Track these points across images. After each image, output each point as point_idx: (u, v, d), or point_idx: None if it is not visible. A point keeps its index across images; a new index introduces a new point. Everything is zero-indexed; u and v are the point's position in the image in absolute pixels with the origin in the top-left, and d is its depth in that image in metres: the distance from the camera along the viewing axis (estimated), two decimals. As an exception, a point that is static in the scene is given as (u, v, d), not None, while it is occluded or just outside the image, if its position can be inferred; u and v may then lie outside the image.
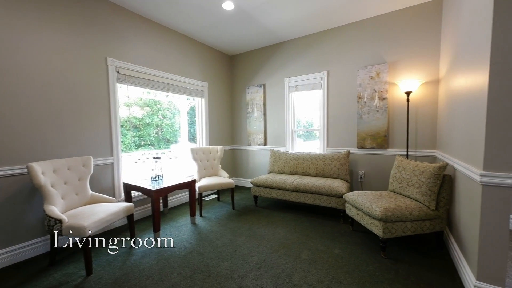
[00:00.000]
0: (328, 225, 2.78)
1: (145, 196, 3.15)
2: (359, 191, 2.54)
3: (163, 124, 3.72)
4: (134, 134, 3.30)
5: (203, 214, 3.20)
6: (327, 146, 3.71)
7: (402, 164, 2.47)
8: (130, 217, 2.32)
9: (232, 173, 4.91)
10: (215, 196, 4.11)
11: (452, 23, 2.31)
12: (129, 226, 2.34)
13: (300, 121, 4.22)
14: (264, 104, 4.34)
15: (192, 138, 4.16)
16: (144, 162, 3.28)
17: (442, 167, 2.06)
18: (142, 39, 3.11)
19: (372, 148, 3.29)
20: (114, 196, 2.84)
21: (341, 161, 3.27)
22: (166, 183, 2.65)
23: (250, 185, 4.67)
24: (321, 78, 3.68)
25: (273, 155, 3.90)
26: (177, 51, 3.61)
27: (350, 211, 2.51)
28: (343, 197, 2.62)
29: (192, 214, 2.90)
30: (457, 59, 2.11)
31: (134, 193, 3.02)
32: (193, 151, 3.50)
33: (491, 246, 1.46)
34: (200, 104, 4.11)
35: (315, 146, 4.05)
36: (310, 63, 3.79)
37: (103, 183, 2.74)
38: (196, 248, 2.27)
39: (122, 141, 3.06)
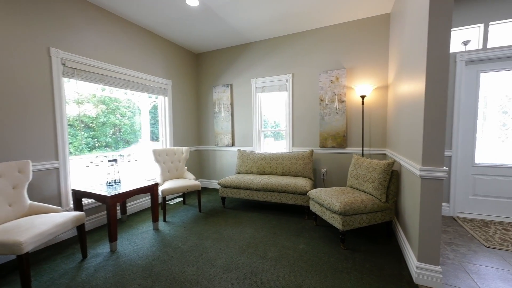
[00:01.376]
0: (293, 221, 2.88)
1: (100, 203, 2.85)
2: (322, 188, 2.69)
3: (122, 123, 3.43)
4: (87, 134, 2.97)
5: (167, 219, 3.04)
6: (293, 146, 3.85)
7: (358, 161, 2.70)
8: (80, 227, 2.07)
9: (199, 174, 4.77)
10: (180, 199, 3.94)
11: (397, 37, 2.61)
12: (80, 237, 2.09)
13: (268, 121, 4.31)
14: (232, 104, 4.31)
15: (155, 139, 3.92)
16: (97, 165, 2.96)
17: (391, 164, 2.31)
18: (95, 30, 2.81)
19: (333, 147, 3.52)
20: (60, 205, 2.51)
21: (305, 160, 3.43)
22: (124, 188, 2.44)
23: (218, 187, 4.59)
24: (287, 80, 3.81)
25: (240, 156, 3.90)
26: (137, 45, 3.35)
27: (314, 207, 2.65)
28: (307, 194, 2.75)
29: (155, 220, 2.72)
30: (401, 68, 2.39)
31: (86, 201, 2.71)
32: (156, 152, 3.30)
33: (428, 231, 1.69)
34: (163, 102, 3.90)
35: (282, 146, 4.17)
36: (276, 65, 3.89)
37: (46, 191, 2.40)
38: (159, 256, 2.14)
39: (71, 143, 2.72)
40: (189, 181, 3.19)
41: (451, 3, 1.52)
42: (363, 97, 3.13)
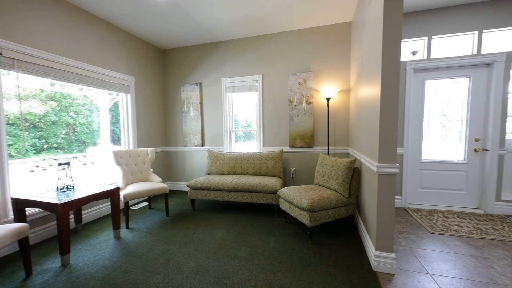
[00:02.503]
0: (264, 220, 2.92)
1: (49, 213, 2.52)
2: (291, 187, 2.78)
3: (77, 123, 3.09)
4: (33, 135, 2.61)
5: (130, 226, 2.82)
6: (263, 146, 3.90)
7: (324, 160, 2.85)
8: (23, 241, 1.81)
9: (167, 177, 4.54)
10: (145, 204, 3.70)
11: (357, 44, 2.82)
12: (22, 252, 1.82)
13: (239, 121, 4.30)
14: (201, 103, 4.20)
15: (117, 140, 3.62)
16: (45, 170, 2.62)
17: (353, 161, 2.49)
18: (42, 17, 2.48)
19: (301, 147, 3.66)
20: (-3, 217, 2.16)
21: (275, 160, 3.50)
22: (78, 194, 2.20)
23: (187, 189, 4.43)
24: (257, 81, 3.85)
25: (211, 156, 3.82)
26: (94, 37, 3.06)
27: (283, 205, 2.72)
28: (277, 193, 2.82)
29: (116, 227, 2.51)
30: (361, 74, 2.59)
31: (31, 210, 2.37)
32: (117, 154, 3.04)
33: (384, 222, 1.86)
34: (125, 100, 3.62)
35: (253, 146, 4.20)
36: (247, 65, 3.91)
37: (-23, 201, 2.04)
38: (120, 266, 1.98)
39: (11, 145, 2.36)
40: (155, 184, 3.02)
41: (401, 17, 1.69)
42: (328, 99, 3.32)
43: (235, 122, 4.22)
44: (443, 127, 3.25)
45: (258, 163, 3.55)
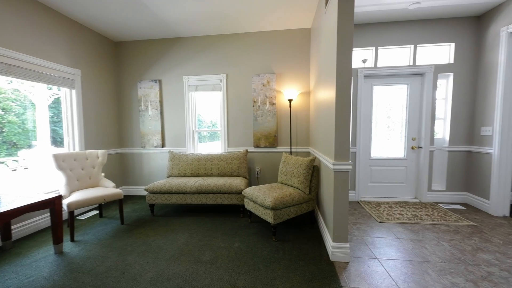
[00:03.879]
0: (229, 221, 2.89)
1: (-36, 230, 2.07)
2: (255, 186, 2.81)
3: (5, 121, 2.61)
4: None
5: (76, 238, 2.49)
6: (228, 146, 3.87)
7: (287, 159, 2.95)
8: None
9: (122, 181, 4.15)
10: (95, 212, 3.32)
11: (316, 49, 3.01)
12: None
13: (204, 121, 4.17)
14: (161, 101, 3.95)
15: (60, 141, 3.16)
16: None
17: (313, 160, 2.64)
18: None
19: (266, 146, 3.74)
20: None
21: (240, 160, 3.50)
22: (5, 205, 1.85)
23: (145, 193, 4.12)
24: (221, 80, 3.80)
25: (172, 158, 3.62)
26: (27, 21, 2.61)
27: (248, 205, 2.73)
28: (242, 193, 2.82)
29: (57, 241, 2.18)
30: (319, 77, 2.77)
31: None
32: (58, 157, 2.66)
33: (339, 214, 2.01)
34: (69, 96, 3.19)
35: (218, 147, 4.12)
36: (210, 64, 3.82)
37: None
38: (63, 285, 1.73)
39: None
40: (107, 189, 2.72)
41: (352, 27, 1.86)
42: (290, 100, 3.45)
43: (199, 122, 4.09)
44: (387, 127, 3.68)
45: (222, 163, 3.50)
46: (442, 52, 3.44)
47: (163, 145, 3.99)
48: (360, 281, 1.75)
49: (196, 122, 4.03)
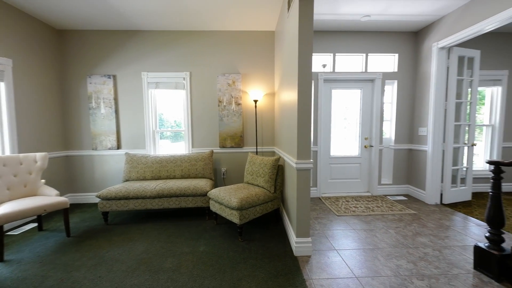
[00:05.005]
0: (194, 225, 2.79)
1: None
2: (221, 187, 2.76)
3: None
4: None
5: (6, 258, 2.11)
6: (192, 147, 3.73)
7: (253, 159, 2.98)
8: None
9: (68, 188, 3.67)
10: (34, 225, 2.86)
11: (280, 52, 3.10)
12: None
13: (168, 121, 3.94)
14: (116, 99, 3.61)
15: (-19, 143, 2.64)
16: None
17: (277, 159, 2.71)
18: None
19: (232, 147, 3.71)
20: None
21: (205, 161, 3.40)
22: None
23: (98, 200, 3.71)
24: (184, 78, 3.64)
25: (129, 160, 3.33)
26: None
27: (214, 207, 2.67)
28: (208, 194, 2.74)
29: (-20, 263, 1.82)
30: (283, 80, 2.86)
31: None
32: (-18, 162, 2.22)
33: (302, 211, 2.11)
34: (-3, 90, 2.69)
35: (181, 148, 3.94)
36: (172, 61, 3.63)
37: None
38: (-13, 315, 1.44)
39: None
40: (47, 198, 2.37)
41: (311, 33, 1.96)
42: (256, 101, 3.49)
43: (161, 121, 3.85)
44: (344, 128, 3.99)
45: (187, 165, 3.36)
46: (389, 61, 3.88)
47: (118, 147, 3.65)
48: (320, 272, 1.86)
49: (157, 122, 3.79)
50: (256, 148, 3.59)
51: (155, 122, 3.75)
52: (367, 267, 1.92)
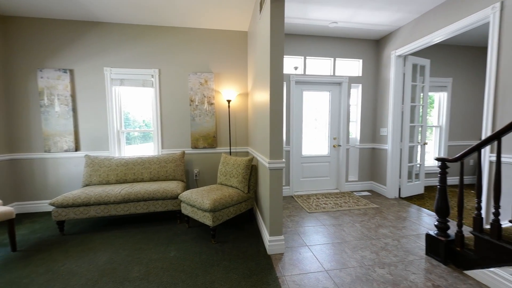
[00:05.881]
0: (164, 230, 2.65)
1: None
2: (193, 189, 2.68)
3: None
4: None
5: None
6: (162, 147, 3.55)
7: (226, 159, 2.94)
8: None
9: (13, 196, 3.22)
10: (-30, 240, 2.46)
11: (253, 53, 3.11)
12: None
13: (136, 120, 3.68)
14: (73, 96, 3.28)
15: None
16: None
17: (251, 160, 2.72)
18: None
19: (204, 147, 3.62)
20: None
21: (176, 162, 3.27)
22: None
23: (51, 208, 3.33)
24: (152, 76, 3.45)
25: (90, 163, 3.05)
26: None
27: (185, 210, 2.58)
28: (179, 197, 2.64)
29: None
30: (255, 80, 2.88)
31: None
32: None
33: (274, 210, 2.14)
34: None
35: (150, 149, 3.72)
36: (139, 57, 3.41)
37: None
38: None
39: None
40: (-12, 208, 2.06)
41: (283, 36, 2.01)
42: (229, 101, 3.46)
43: (127, 121, 3.59)
44: (315, 128, 4.16)
45: (156, 167, 3.19)
46: (354, 66, 4.15)
47: (77, 148, 3.31)
48: (293, 268, 1.91)
49: (122, 121, 3.53)
50: (230, 149, 3.56)
51: (120, 121, 3.49)
52: (336, 260, 2.03)
